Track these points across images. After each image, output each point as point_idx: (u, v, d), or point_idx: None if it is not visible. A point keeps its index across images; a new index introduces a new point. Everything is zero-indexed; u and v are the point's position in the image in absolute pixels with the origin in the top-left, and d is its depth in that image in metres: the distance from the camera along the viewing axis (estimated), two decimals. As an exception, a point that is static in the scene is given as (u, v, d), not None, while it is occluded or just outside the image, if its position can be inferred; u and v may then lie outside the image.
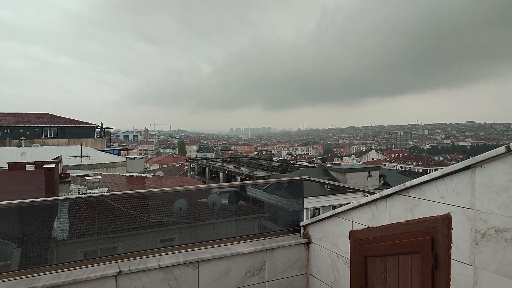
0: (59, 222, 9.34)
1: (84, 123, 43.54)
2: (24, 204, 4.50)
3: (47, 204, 6.23)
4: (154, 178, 21.14)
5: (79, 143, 33.29)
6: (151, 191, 8.92)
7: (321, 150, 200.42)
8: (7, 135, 38.44)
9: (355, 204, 3.72)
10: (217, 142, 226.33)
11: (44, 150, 31.25)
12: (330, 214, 4.15)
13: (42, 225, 5.99)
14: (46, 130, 40.65)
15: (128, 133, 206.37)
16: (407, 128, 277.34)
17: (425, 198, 2.86)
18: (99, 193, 12.91)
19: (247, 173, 41.51)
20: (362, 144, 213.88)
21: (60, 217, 9.48)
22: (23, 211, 5.04)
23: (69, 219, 9.55)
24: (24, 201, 4.27)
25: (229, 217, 9.10)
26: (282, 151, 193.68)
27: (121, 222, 9.37)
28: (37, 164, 16.40)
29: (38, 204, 5.10)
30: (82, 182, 15.66)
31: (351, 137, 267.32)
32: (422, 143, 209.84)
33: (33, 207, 5.07)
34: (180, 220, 8.32)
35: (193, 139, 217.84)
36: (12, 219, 5.09)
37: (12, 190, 11.95)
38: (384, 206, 3.33)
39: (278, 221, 9.15)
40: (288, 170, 41.82)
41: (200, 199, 10.17)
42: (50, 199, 7.86)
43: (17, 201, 4.13)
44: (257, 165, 50.45)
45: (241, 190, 10.63)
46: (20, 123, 40.31)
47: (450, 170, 2.60)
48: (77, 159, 26.42)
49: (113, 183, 17.83)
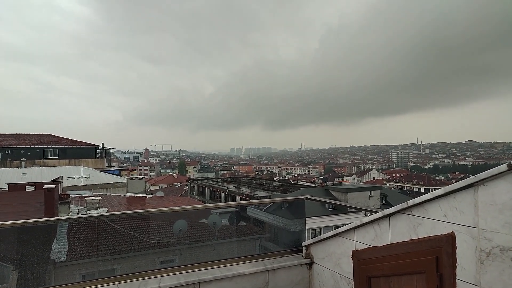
0: (57, 243, 9.24)
1: (85, 143, 43.63)
2: (21, 225, 4.46)
3: (45, 225, 6.18)
4: (154, 199, 21.02)
5: (80, 163, 33.27)
6: (151, 211, 8.86)
7: (322, 169, 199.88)
8: (8, 156, 38.46)
9: (357, 223, 3.68)
10: (217, 162, 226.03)
11: (44, 171, 31.21)
12: (333, 233, 4.11)
13: (41, 246, 5.92)
14: (47, 151, 40.72)
15: (129, 154, 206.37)
16: (407, 148, 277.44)
17: (428, 217, 2.84)
18: (98, 214, 12.80)
19: (247, 193, 41.27)
20: (363, 163, 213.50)
21: (59, 239, 9.38)
22: (21, 232, 4.99)
23: (68, 240, 9.45)
24: (20, 221, 4.23)
25: (230, 237, 8.99)
26: (283, 170, 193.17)
27: (120, 243, 9.26)
28: (37, 185, 16.34)
29: (37, 225, 5.06)
30: (82, 202, 15.56)
31: (352, 156, 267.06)
32: (423, 163, 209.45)
33: (31, 228, 5.03)
34: (180, 241, 8.21)
35: (193, 159, 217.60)
36: (11, 240, 5.04)
37: (12, 211, 11.86)
38: (387, 225, 3.30)
39: (279, 242, 9.04)
40: (289, 190, 41.60)
41: (201, 219, 10.08)
42: (46, 219, 7.79)
43: (14, 222, 4.09)
44: (257, 185, 50.22)
45: (242, 211, 10.55)
46: (22, 144, 40.41)
47: (453, 189, 2.60)
48: (78, 180, 26.34)
49: (113, 203, 17.72)
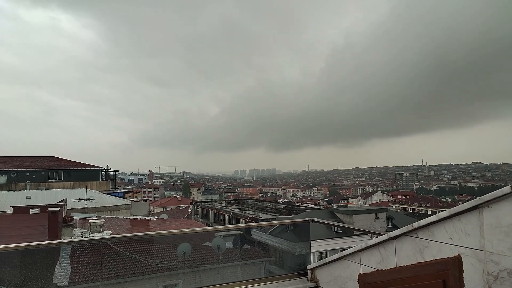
0: (60, 267, 9.17)
1: (89, 166, 43.82)
2: (25, 248, 4.46)
3: (49, 248, 6.15)
4: (158, 221, 20.88)
5: (84, 186, 33.30)
6: (155, 234, 8.81)
7: (326, 191, 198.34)
8: (13, 179, 38.65)
9: (363, 246, 3.65)
10: (221, 184, 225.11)
11: (49, 194, 31.24)
12: (338, 256, 4.06)
13: (44, 270, 5.89)
14: (52, 173, 40.90)
15: (133, 176, 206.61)
16: (412, 169, 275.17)
17: (434, 239, 2.82)
18: (101, 237, 12.71)
19: (252, 215, 40.89)
20: (368, 185, 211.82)
21: (62, 262, 9.32)
22: (25, 256, 4.98)
23: (71, 264, 9.37)
24: (23, 245, 4.22)
25: (234, 261, 8.88)
26: (287, 192, 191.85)
27: (124, 267, 9.17)
28: (41, 207, 16.34)
29: (40, 248, 5.05)
30: (85, 225, 15.50)
31: (357, 178, 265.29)
32: (428, 184, 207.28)
33: (35, 251, 5.02)
34: (184, 265, 8.13)
35: (197, 181, 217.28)
36: (15, 263, 5.02)
37: (16, 234, 11.83)
38: (393, 248, 3.27)
39: (284, 265, 8.91)
40: (294, 212, 41.18)
41: (205, 242, 9.99)
42: (49, 242, 7.77)
43: (17, 245, 4.08)
44: (262, 207, 49.80)
45: (246, 233, 10.46)
46: (27, 167, 40.67)
47: (457, 211, 2.59)
48: (82, 202, 26.31)
49: (117, 226, 17.63)
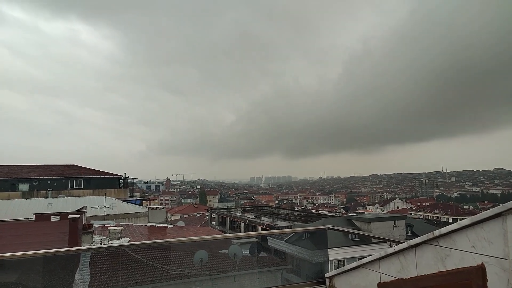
0: (80, 274, 9.32)
1: (108, 174, 44.62)
2: (46, 255, 4.55)
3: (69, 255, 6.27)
4: (175, 229, 21.03)
5: (103, 193, 33.89)
6: (172, 241, 8.87)
7: (343, 198, 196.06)
8: (35, 187, 39.71)
9: (382, 254, 3.60)
10: (237, 191, 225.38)
11: (69, 201, 31.92)
12: (356, 264, 4.01)
13: (65, 276, 5.99)
14: (72, 181, 41.82)
15: (151, 183, 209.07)
16: (432, 176, 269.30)
17: (455, 247, 2.75)
18: (119, 244, 12.89)
19: (268, 223, 40.72)
20: (386, 192, 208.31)
21: (81, 269, 9.48)
22: (46, 262, 5.09)
23: (90, 270, 9.52)
24: (45, 251, 4.32)
25: (251, 269, 8.85)
26: (304, 200, 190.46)
27: (142, 274, 9.26)
28: (62, 215, 16.68)
29: (61, 255, 5.15)
30: (104, 232, 15.75)
31: (374, 185, 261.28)
32: (449, 191, 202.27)
33: (56, 258, 5.13)
34: (201, 272, 8.15)
35: (214, 188, 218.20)
36: (38, 270, 5.13)
37: (37, 241, 12.12)
38: (413, 257, 3.21)
39: (301, 273, 8.82)
40: (310, 220, 40.82)
41: (221, 250, 10.00)
42: (69, 249, 7.93)
43: (39, 252, 4.18)
44: (278, 215, 49.57)
45: (263, 241, 10.42)
46: (48, 175, 41.72)
47: (480, 218, 2.53)
48: (101, 210, 26.77)
49: (135, 233, 17.84)
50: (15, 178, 40.23)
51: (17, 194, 37.87)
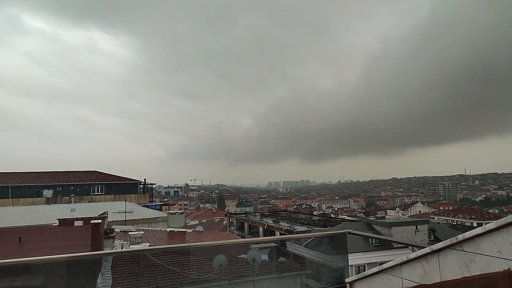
0: (102, 278, 9.50)
1: (128, 179, 45.42)
2: (70, 259, 4.66)
3: (92, 259, 6.42)
4: (194, 233, 21.18)
5: (124, 199, 34.52)
6: (192, 245, 8.93)
7: (363, 203, 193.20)
8: (59, 192, 40.82)
9: (404, 259, 3.53)
10: (255, 196, 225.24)
11: (91, 206, 32.66)
12: (377, 270, 3.94)
13: (88, 280, 6.12)
14: (94, 187, 42.78)
15: (169, 189, 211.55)
16: (454, 179, 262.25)
17: (480, 252, 2.68)
18: (140, 248, 13.09)
19: (286, 228, 40.50)
20: (407, 196, 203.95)
21: (103, 273, 9.65)
22: (70, 266, 5.22)
23: (112, 274, 9.69)
24: (69, 255, 4.42)
25: (270, 273, 8.82)
26: (322, 204, 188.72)
27: (162, 278, 9.36)
28: (84, 220, 17.09)
29: (84, 259, 5.27)
30: (125, 237, 16.01)
31: (394, 189, 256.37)
32: (473, 195, 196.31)
33: (79, 262, 5.25)
34: (220, 277, 8.17)
35: (231, 193, 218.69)
36: (62, 273, 5.27)
37: (61, 245, 12.43)
38: (436, 262, 3.13)
39: (321, 278, 8.72)
40: (329, 225, 40.37)
41: (240, 255, 10.00)
42: (92, 253, 8.10)
43: (63, 256, 4.28)
44: (296, 220, 49.25)
45: (282, 246, 10.38)
46: (71, 181, 42.82)
47: (506, 222, 2.46)
48: (122, 215, 27.26)
49: (155, 238, 18.05)
50: (40, 184, 41.49)
51: (42, 200, 39.06)
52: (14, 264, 4.11)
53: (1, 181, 40.68)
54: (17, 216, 29.25)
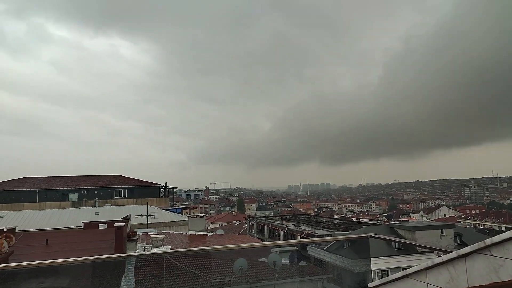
0: (125, 280, 9.67)
1: (150, 183, 46.20)
2: (95, 261, 4.77)
3: (115, 261, 6.55)
4: (214, 237, 21.30)
5: (146, 202, 35.15)
6: (213, 249, 8.98)
7: (385, 206, 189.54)
8: (84, 196, 41.97)
9: (429, 264, 3.43)
10: (275, 200, 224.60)
11: (115, 210, 33.40)
12: (402, 274, 3.85)
13: (113, 281, 6.24)
14: (117, 191, 43.76)
15: (190, 192, 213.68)
16: (481, 181, 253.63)
17: (510, 257, 2.58)
18: (162, 251, 13.26)
19: (307, 231, 40.18)
20: (431, 199, 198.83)
21: (127, 275, 9.83)
22: (96, 268, 5.35)
23: (135, 277, 9.85)
24: (94, 258, 4.51)
25: (291, 277, 8.75)
26: (343, 208, 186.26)
27: (184, 281, 9.44)
28: (108, 223, 17.46)
29: (108, 261, 5.39)
30: (147, 240, 16.26)
31: (418, 192, 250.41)
32: (501, 198, 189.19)
33: (103, 264, 5.37)
34: (241, 280, 8.16)
35: (251, 196, 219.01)
36: (88, 275, 5.39)
37: (87, 248, 12.74)
38: (463, 267, 3.03)
39: (343, 283, 8.60)
40: (351, 228, 39.80)
41: (260, 258, 9.98)
42: (116, 256, 8.26)
43: (89, 258, 4.38)
44: (317, 223, 48.78)
45: (302, 249, 10.30)
46: (96, 185, 43.93)
47: (537, 226, 2.36)
48: (144, 218, 27.72)
49: (176, 241, 18.26)
50: (66, 188, 42.76)
51: (68, 204, 40.25)
52: (42, 266, 4.24)
53: (30, 185, 42.19)
54: (44, 219, 30.24)
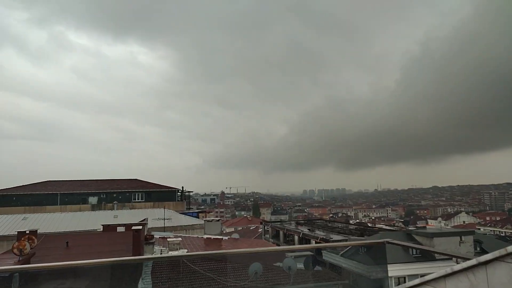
0: (143, 282, 9.81)
1: (167, 187, 46.72)
2: (114, 263, 4.86)
3: (133, 264, 6.66)
4: (230, 241, 21.37)
5: (162, 206, 35.52)
6: (228, 252, 9.02)
7: (402, 212, 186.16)
8: (103, 200, 42.80)
9: (448, 271, 3.38)
10: (290, 204, 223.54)
11: (132, 213, 33.92)
12: (420, 281, 3.80)
13: (132, 283, 6.35)
14: (135, 195, 44.42)
15: (206, 196, 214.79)
16: (502, 187, 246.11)
17: (532, 265, 2.53)
18: (178, 254, 13.39)
19: (322, 236, 39.83)
20: (449, 205, 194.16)
21: (144, 278, 9.96)
22: (114, 269, 5.45)
23: (152, 279, 9.98)
24: (113, 259, 4.59)
25: (306, 282, 8.71)
26: (359, 213, 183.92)
27: (199, 284, 9.51)
28: (126, 226, 17.75)
29: (126, 263, 5.49)
30: (164, 243, 16.45)
31: (435, 198, 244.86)
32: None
33: (121, 266, 5.47)
34: (256, 285, 8.17)
35: (266, 201, 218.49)
36: (107, 276, 5.51)
37: (106, 250, 12.98)
38: (484, 274, 2.98)
39: (360, 289, 8.50)
40: (367, 234, 39.27)
41: (275, 263, 9.95)
42: (134, 258, 8.39)
43: (108, 260, 4.47)
44: (332, 228, 48.35)
45: (318, 254, 10.22)
46: (114, 188, 44.71)
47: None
48: (161, 222, 28.04)
49: (192, 245, 18.40)
50: (86, 192, 43.68)
51: (87, 207, 41.10)
52: (62, 267, 4.36)
53: (51, 189, 43.25)
54: (65, 221, 30.94)
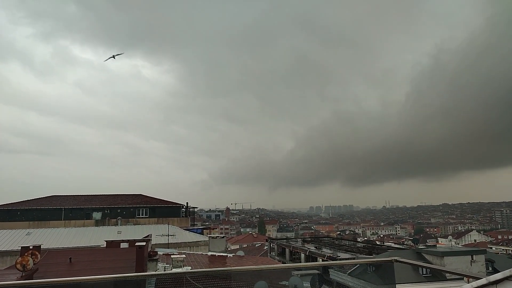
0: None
1: (171, 203, 46.57)
2: (115, 279, 4.78)
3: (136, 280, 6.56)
4: (234, 258, 21.08)
5: (167, 222, 35.35)
6: (232, 269, 8.86)
7: (411, 230, 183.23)
8: (106, 215, 42.69)
9: (457, 291, 3.27)
10: (296, 221, 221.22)
11: (137, 229, 33.74)
12: (428, 302, 3.68)
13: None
14: (139, 210, 44.31)
15: (211, 212, 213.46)
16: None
17: (546, 285, 2.43)
18: (182, 271, 13.20)
19: (329, 254, 39.18)
20: (460, 223, 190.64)
21: (147, 295, 9.80)
22: (116, 286, 5.37)
23: (155, 297, 9.81)
24: (115, 276, 4.52)
25: (312, 302, 8.50)
26: (367, 230, 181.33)
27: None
28: (130, 242, 17.63)
29: (129, 280, 5.40)
30: (168, 260, 16.27)
31: (445, 215, 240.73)
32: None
33: (124, 283, 5.38)
34: (261, 304, 7.98)
35: (272, 217, 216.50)
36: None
37: (108, 266, 12.86)
38: (495, 294, 2.87)
39: (367, 310, 8.28)
40: (375, 252, 38.53)
41: (281, 281, 9.76)
42: (136, 275, 8.28)
43: (110, 276, 4.41)
44: (340, 246, 47.57)
45: (324, 273, 10.03)
46: (118, 204, 44.67)
47: None
48: (165, 238, 27.83)
49: (196, 262, 18.17)
50: (90, 207, 43.68)
51: (91, 222, 41.01)
52: (65, 283, 4.30)
53: (56, 204, 43.36)
54: (68, 237, 30.87)
